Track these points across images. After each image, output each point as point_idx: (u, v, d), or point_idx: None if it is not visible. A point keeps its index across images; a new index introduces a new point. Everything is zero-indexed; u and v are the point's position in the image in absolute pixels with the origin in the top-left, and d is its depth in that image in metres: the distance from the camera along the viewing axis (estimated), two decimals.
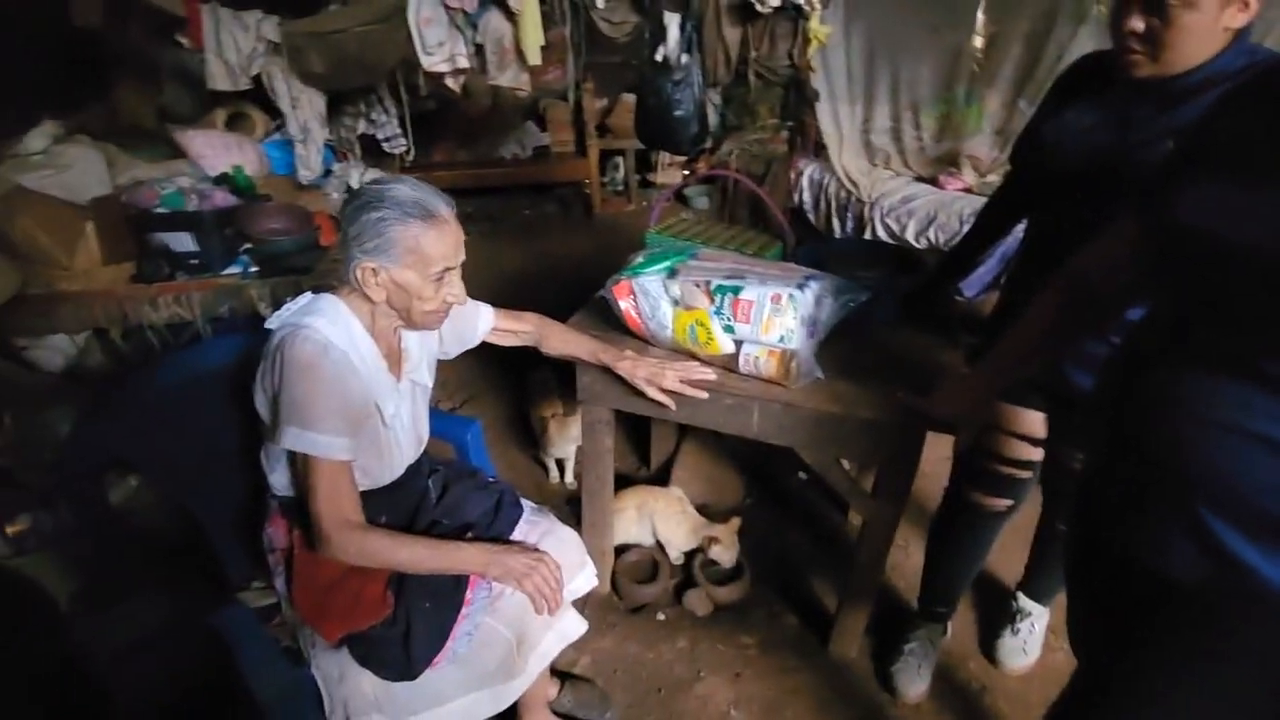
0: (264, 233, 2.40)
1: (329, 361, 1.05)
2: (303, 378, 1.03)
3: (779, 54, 2.82)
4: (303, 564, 1.18)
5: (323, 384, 1.04)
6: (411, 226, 1.04)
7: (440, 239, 1.07)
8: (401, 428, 1.22)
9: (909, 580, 1.90)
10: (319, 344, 1.04)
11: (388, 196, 1.05)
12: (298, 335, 1.04)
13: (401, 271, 1.07)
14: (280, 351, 1.04)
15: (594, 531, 1.79)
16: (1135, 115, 1.10)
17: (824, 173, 3.60)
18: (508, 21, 2.73)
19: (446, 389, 2.84)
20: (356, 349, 1.10)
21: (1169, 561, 0.75)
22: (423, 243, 1.06)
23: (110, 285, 2.28)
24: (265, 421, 1.11)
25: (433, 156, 4.88)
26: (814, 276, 1.36)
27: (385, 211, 1.04)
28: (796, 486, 2.32)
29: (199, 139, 2.82)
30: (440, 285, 1.11)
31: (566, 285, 3.39)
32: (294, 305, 1.13)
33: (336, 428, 1.05)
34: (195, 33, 2.66)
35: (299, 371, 1.03)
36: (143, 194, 2.29)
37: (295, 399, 1.03)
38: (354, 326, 1.11)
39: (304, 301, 1.13)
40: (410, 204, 1.05)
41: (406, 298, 1.10)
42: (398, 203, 1.04)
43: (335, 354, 1.06)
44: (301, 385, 1.03)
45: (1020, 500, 1.45)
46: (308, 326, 1.05)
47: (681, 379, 1.39)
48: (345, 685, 1.12)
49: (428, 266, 1.07)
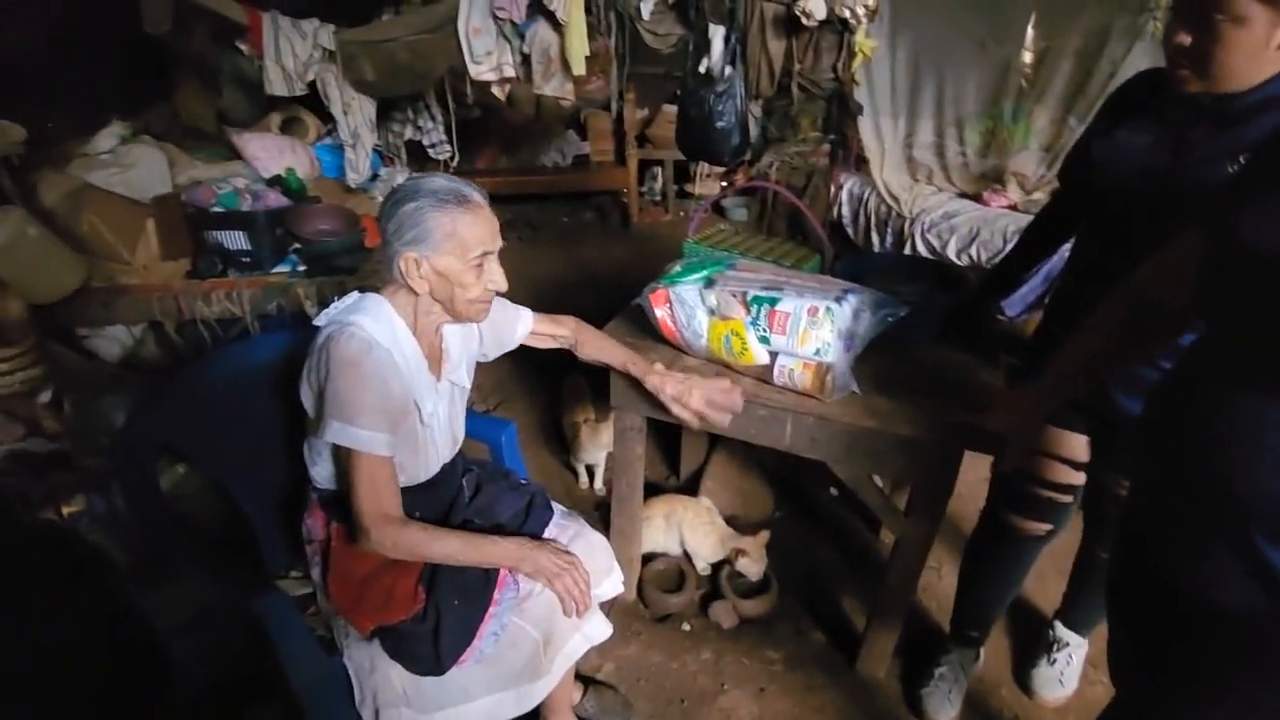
0: (313, 233, 2.48)
1: (372, 359, 1.08)
2: (347, 374, 1.06)
3: (823, 67, 2.80)
4: (339, 556, 1.21)
5: (366, 380, 1.07)
6: (448, 211, 1.08)
7: (476, 223, 1.11)
8: (438, 426, 1.25)
9: (941, 602, 1.86)
10: (364, 341, 1.08)
11: (422, 188, 1.09)
12: (344, 332, 1.08)
13: (441, 258, 1.10)
14: (326, 348, 1.08)
15: (622, 539, 1.79)
16: (1191, 135, 1.07)
17: (864, 187, 3.56)
18: (554, 32, 2.78)
19: (481, 392, 2.88)
20: (399, 347, 1.13)
21: (1219, 589, 0.73)
22: (459, 227, 1.09)
23: (167, 280, 2.38)
24: (310, 415, 1.15)
25: (475, 163, 4.97)
26: (852, 290, 1.35)
27: (421, 201, 1.07)
28: (827, 502, 2.29)
29: (255, 141, 2.93)
30: (480, 271, 1.13)
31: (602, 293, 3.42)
32: (341, 304, 1.17)
33: (378, 423, 1.08)
34: (256, 40, 2.77)
35: (344, 368, 1.06)
36: (201, 193, 2.39)
37: (339, 394, 1.06)
38: (397, 325, 1.14)
39: (351, 300, 1.17)
40: (444, 191, 1.09)
41: (449, 286, 1.12)
42: (431, 191, 1.08)
43: (379, 352, 1.09)
44: (345, 381, 1.06)
45: (1060, 525, 1.41)
46: (353, 324, 1.09)
47: (708, 400, 1.38)
48: (376, 676, 1.14)
49: (466, 251, 1.10)
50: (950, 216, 3.11)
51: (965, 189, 3.32)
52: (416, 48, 2.83)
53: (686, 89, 2.84)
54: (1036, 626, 1.75)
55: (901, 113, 3.42)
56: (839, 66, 2.80)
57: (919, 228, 3.18)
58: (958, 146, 3.37)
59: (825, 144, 3.03)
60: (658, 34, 2.86)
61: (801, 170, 3.04)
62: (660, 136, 4.90)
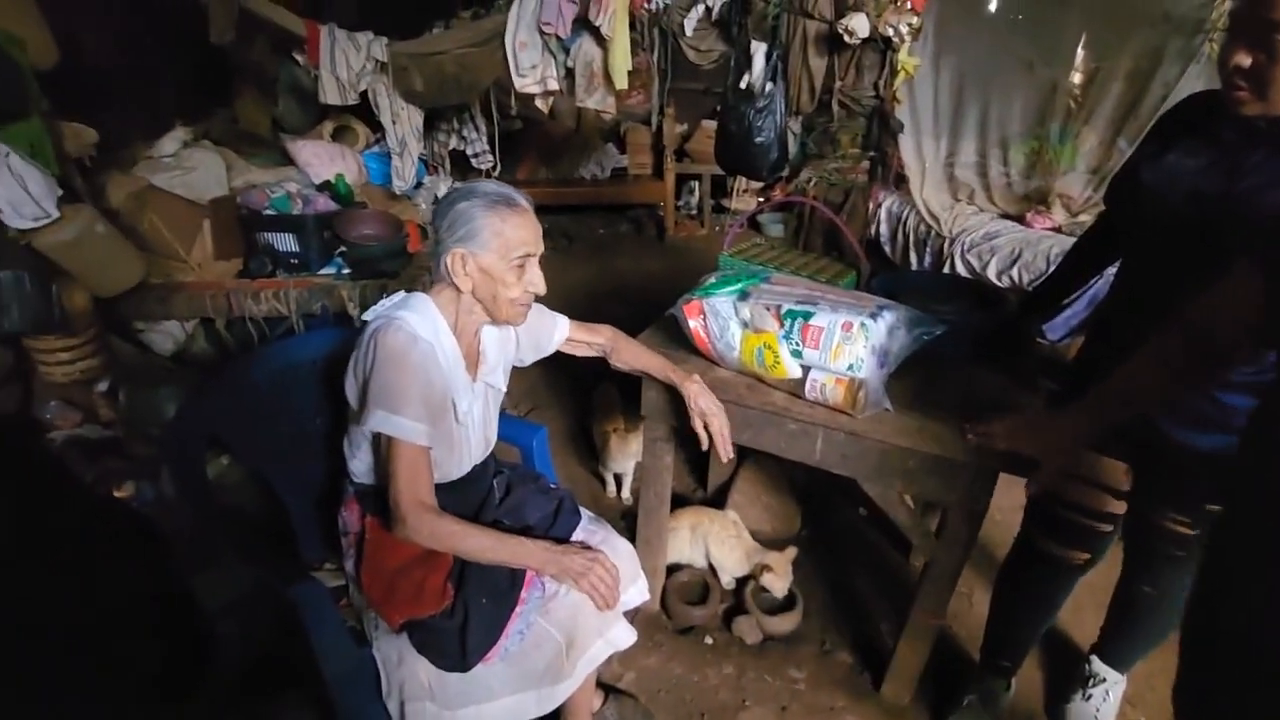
0: (358, 237, 2.56)
1: (417, 351, 1.13)
2: (392, 365, 1.11)
3: (865, 85, 2.79)
4: (372, 549, 1.24)
5: (409, 372, 1.12)
6: (497, 211, 1.15)
7: (521, 225, 1.17)
8: (473, 425, 1.28)
9: (972, 629, 1.82)
10: (409, 335, 1.13)
11: (475, 190, 1.17)
12: (390, 325, 1.13)
13: (487, 255, 1.15)
14: (374, 340, 1.13)
15: (648, 548, 1.80)
16: (1247, 159, 1.05)
17: (903, 205, 3.53)
18: (598, 47, 2.83)
19: (512, 398, 2.92)
20: (440, 344, 1.18)
21: None
22: (505, 227, 1.15)
23: (220, 279, 2.48)
24: (353, 406, 1.20)
25: (516, 173, 5.07)
26: (887, 307, 1.34)
27: (474, 200, 1.15)
28: (856, 521, 2.26)
29: (307, 148, 3.04)
30: (521, 273, 1.19)
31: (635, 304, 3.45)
32: (388, 301, 1.23)
33: (419, 414, 1.12)
34: (313, 51, 2.88)
35: (389, 359, 1.11)
36: (255, 196, 2.49)
37: (384, 384, 1.11)
38: (440, 323, 1.19)
39: (397, 298, 1.23)
40: (495, 194, 1.17)
41: (491, 284, 1.18)
42: (484, 193, 1.16)
43: (423, 345, 1.14)
44: (390, 372, 1.11)
45: (1098, 555, 1.37)
46: (399, 319, 1.14)
47: (726, 434, 1.42)
48: (403, 669, 1.16)
49: (510, 250, 1.16)
50: (991, 237, 3.06)
51: (1008, 210, 3.27)
52: (464, 60, 2.91)
53: (727, 104, 2.86)
54: (1072, 659, 1.70)
55: (944, 132, 3.39)
56: (881, 84, 2.78)
57: (959, 247, 3.14)
58: (1001, 167, 3.33)
59: (865, 161, 3.02)
60: (700, 50, 2.89)
61: (840, 187, 3.03)
62: (698, 151, 4.93)
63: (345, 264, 2.55)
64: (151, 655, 0.70)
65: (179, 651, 0.75)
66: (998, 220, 3.21)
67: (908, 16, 2.50)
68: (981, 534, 1.78)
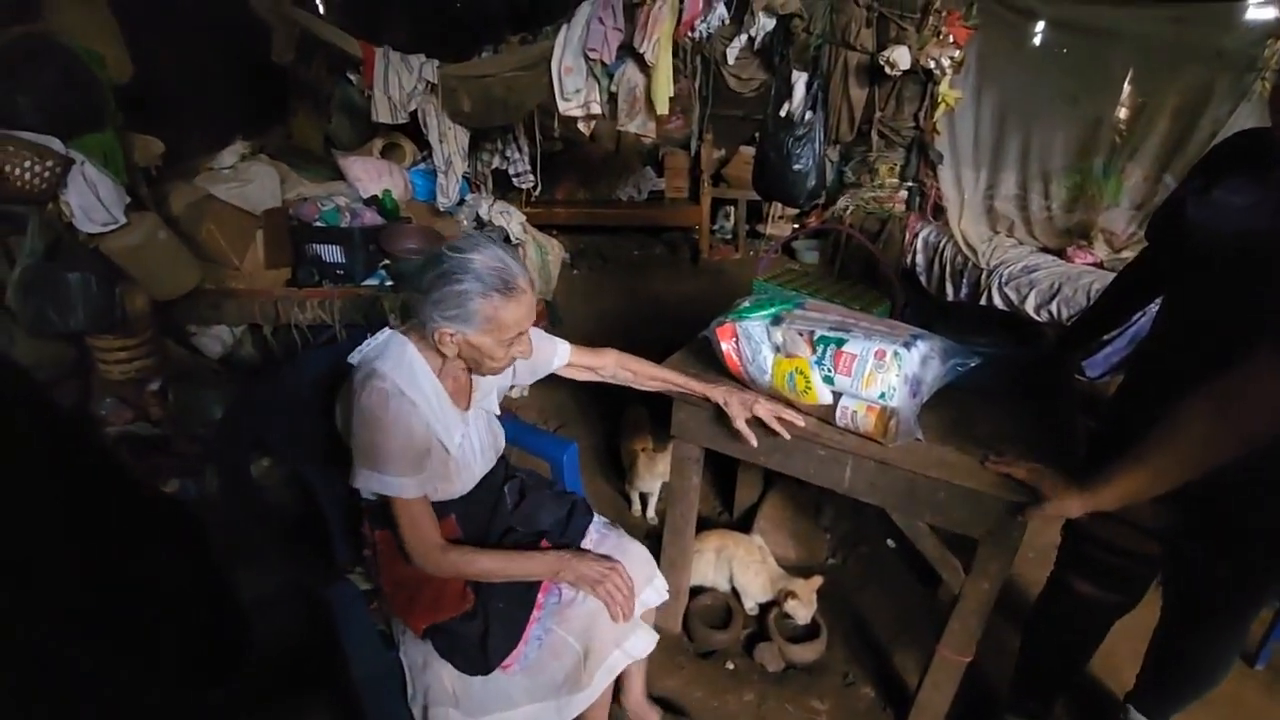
0: (401, 251, 2.64)
1: (391, 410, 1.12)
2: (372, 425, 1.13)
3: (904, 116, 2.81)
4: (388, 561, 1.28)
5: (387, 430, 1.12)
6: (492, 299, 1.11)
7: (517, 309, 1.14)
8: (471, 450, 1.30)
9: (1000, 671, 1.77)
10: (383, 394, 1.12)
11: (471, 269, 1.10)
12: (368, 385, 1.13)
13: (479, 336, 1.14)
14: (356, 399, 1.14)
15: (672, 568, 1.80)
16: None
17: (941, 235, 3.51)
18: (642, 74, 2.90)
19: (542, 415, 2.96)
20: (420, 390, 1.17)
21: None
22: (501, 314, 1.13)
23: (269, 287, 2.58)
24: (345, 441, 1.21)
25: (554, 193, 5.17)
26: (921, 336, 1.34)
27: (469, 285, 1.10)
28: (884, 552, 2.23)
29: (357, 164, 3.16)
30: (511, 346, 1.18)
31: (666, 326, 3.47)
32: (372, 342, 1.22)
33: (403, 469, 1.14)
34: (368, 71, 3.00)
35: (368, 420, 1.12)
36: (307, 208, 2.59)
37: (365, 444, 1.13)
38: (418, 369, 1.18)
39: (380, 340, 1.21)
40: (491, 277, 1.11)
41: (479, 356, 1.17)
42: (479, 276, 1.10)
43: (396, 401, 1.13)
44: (371, 432, 1.13)
45: (1135, 597, 1.33)
46: (377, 375, 1.13)
47: (772, 412, 1.40)
48: (428, 674, 1.19)
49: (503, 333, 1.15)
50: (1031, 270, 3.02)
51: (1048, 243, 3.23)
52: (512, 83, 3.00)
53: (766, 131, 2.90)
54: (1107, 708, 1.65)
55: (984, 163, 3.37)
56: (921, 116, 2.80)
57: (997, 280, 3.11)
58: (1042, 200, 3.29)
59: (902, 191, 3.02)
60: (741, 78, 2.94)
61: (876, 215, 3.03)
62: (735, 176, 4.98)
63: (388, 276, 2.62)
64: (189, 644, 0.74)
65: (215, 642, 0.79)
66: (1037, 254, 3.17)
67: (949, 50, 2.51)
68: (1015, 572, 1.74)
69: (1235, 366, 0.90)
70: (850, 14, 2.61)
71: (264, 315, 2.54)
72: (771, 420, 1.40)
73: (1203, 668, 1.39)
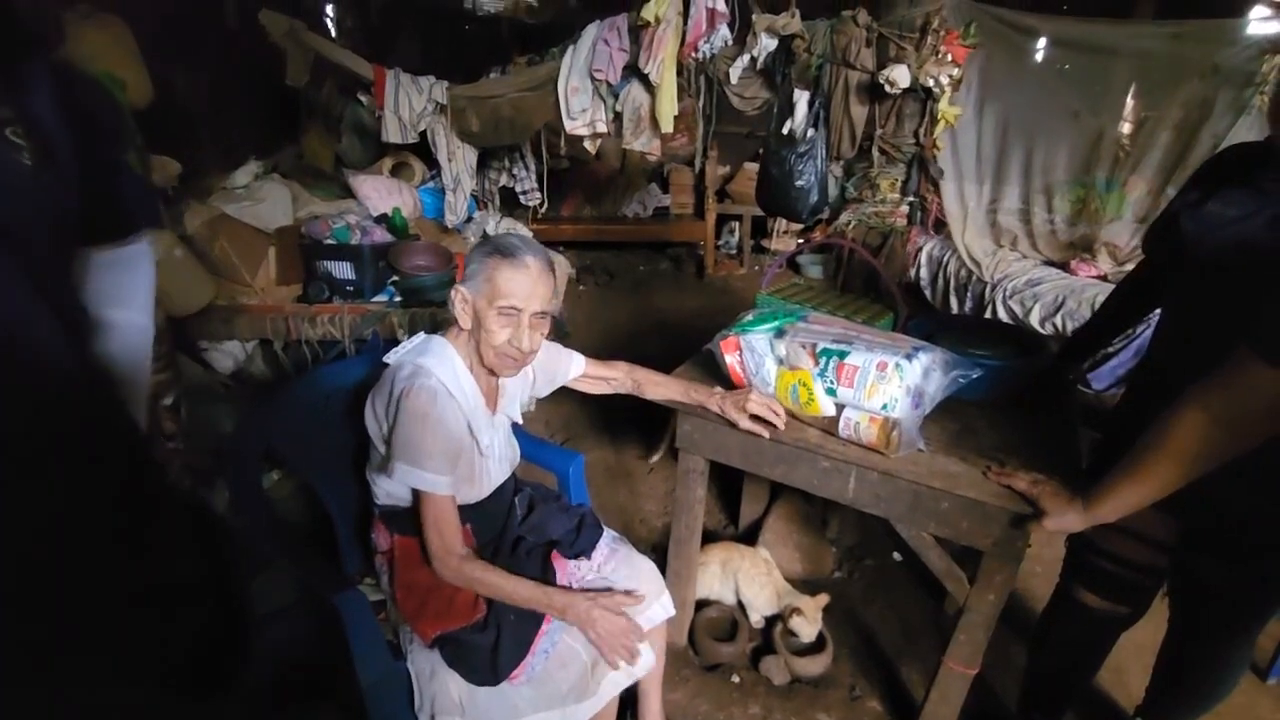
0: (410, 268, 2.68)
1: (438, 407, 1.19)
2: (416, 424, 1.17)
3: (905, 132, 2.84)
4: (402, 567, 1.30)
5: (431, 428, 1.17)
6: (494, 258, 1.20)
7: (512, 278, 1.19)
8: (494, 455, 1.35)
9: (1008, 684, 1.76)
10: (431, 391, 1.18)
11: (495, 239, 1.24)
12: (415, 384, 1.18)
13: (477, 298, 1.21)
14: (400, 397, 1.18)
15: (677, 580, 1.80)
16: None
17: (944, 249, 3.53)
18: (646, 93, 2.95)
19: (549, 427, 2.98)
20: (460, 386, 1.24)
21: None
22: (496, 275, 1.19)
23: (280, 303, 2.62)
24: (374, 441, 1.27)
25: (561, 210, 5.23)
26: (923, 348, 1.35)
27: (485, 247, 1.23)
28: (891, 566, 2.23)
29: (368, 182, 3.21)
30: (506, 323, 1.21)
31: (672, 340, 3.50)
32: (409, 344, 1.29)
33: (440, 466, 1.19)
34: (379, 93, 3.07)
35: (413, 418, 1.17)
36: (318, 226, 2.64)
37: (407, 440, 1.17)
38: (458, 365, 1.25)
39: (417, 342, 1.29)
40: (503, 245, 1.22)
41: (478, 328, 1.23)
42: (495, 243, 1.22)
43: (443, 399, 1.20)
44: (414, 428, 1.17)
45: (1140, 609, 1.33)
46: (423, 372, 1.19)
47: (764, 404, 1.43)
48: (435, 683, 1.20)
49: (495, 297, 1.20)
50: (1034, 284, 3.04)
51: (1052, 257, 3.24)
52: (519, 104, 3.06)
53: (769, 149, 2.94)
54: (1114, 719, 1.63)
55: (987, 178, 3.40)
56: (921, 132, 2.83)
57: (1001, 293, 3.12)
58: (1045, 214, 3.31)
59: (904, 206, 3.05)
60: (744, 97, 2.99)
61: (878, 230, 3.06)
62: (740, 192, 5.03)
63: (397, 292, 2.66)
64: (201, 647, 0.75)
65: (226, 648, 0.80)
66: (1041, 267, 3.19)
67: (948, 68, 2.55)
68: (1022, 586, 1.74)
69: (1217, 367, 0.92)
70: (850, 34, 2.65)
71: (275, 331, 2.58)
72: (765, 411, 1.43)
73: (1209, 679, 1.39)
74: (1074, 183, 3.24)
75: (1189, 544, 1.25)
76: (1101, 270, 3.02)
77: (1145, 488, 1.02)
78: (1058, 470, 1.27)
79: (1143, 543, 1.27)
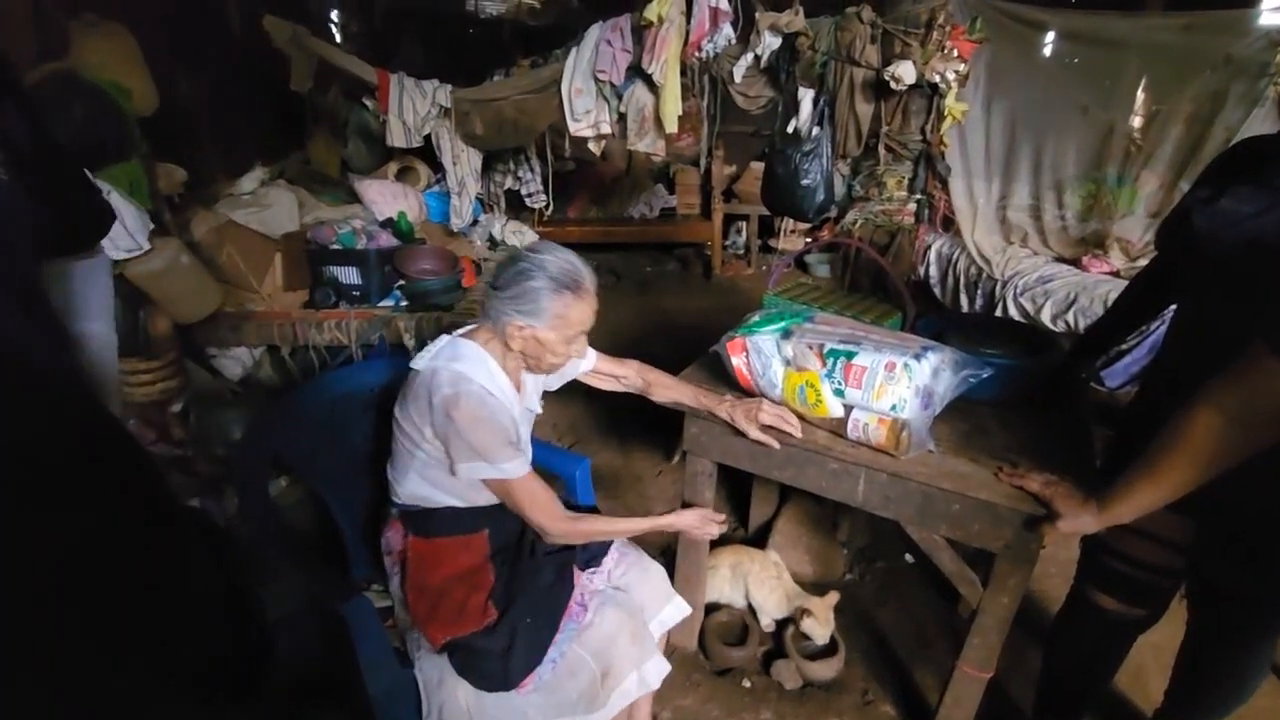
0: (416, 272, 2.68)
1: (489, 407, 1.21)
2: (474, 428, 1.18)
3: (911, 129, 2.81)
4: (415, 568, 1.29)
5: (489, 427, 1.19)
6: (563, 296, 1.20)
7: (584, 308, 1.24)
8: (525, 450, 1.34)
9: (1023, 688, 1.74)
10: (478, 395, 1.20)
11: (547, 267, 1.20)
12: (459, 390, 1.18)
13: (546, 332, 1.22)
14: (447, 408, 1.18)
15: (687, 585, 1.79)
16: None
17: (954, 247, 3.50)
18: (650, 93, 2.94)
19: (556, 430, 2.97)
20: (498, 385, 1.26)
21: None
22: (570, 312, 1.22)
23: (287, 309, 2.63)
24: (411, 439, 1.25)
25: (567, 212, 5.23)
26: (932, 348, 1.33)
27: (544, 282, 1.19)
28: (903, 568, 2.20)
29: (373, 187, 3.22)
30: (571, 344, 1.26)
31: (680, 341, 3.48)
32: (435, 348, 1.28)
33: (511, 453, 1.21)
34: (383, 97, 3.07)
35: (470, 423, 1.18)
36: (324, 232, 2.64)
37: (475, 444, 1.18)
38: (492, 366, 1.26)
39: (443, 345, 1.28)
40: (564, 276, 1.20)
41: (541, 351, 1.25)
42: (552, 275, 1.20)
43: (490, 399, 1.22)
44: (474, 434, 1.18)
45: (1158, 611, 1.31)
46: (463, 379, 1.20)
47: (778, 415, 1.41)
48: (443, 691, 1.19)
49: (569, 330, 1.23)
50: (1045, 280, 3.00)
51: (1063, 253, 3.21)
52: (523, 106, 3.06)
53: (774, 148, 2.92)
54: None
55: (996, 175, 3.36)
56: (927, 129, 2.80)
57: (1011, 290, 3.09)
58: (1056, 210, 3.27)
59: (911, 204, 3.02)
60: (748, 96, 2.96)
61: (885, 228, 3.03)
62: (746, 192, 5.01)
63: (403, 297, 2.67)
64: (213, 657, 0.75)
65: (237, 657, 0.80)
66: (1052, 264, 3.15)
67: (954, 64, 2.52)
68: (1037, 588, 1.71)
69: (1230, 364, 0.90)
70: (855, 31, 2.62)
71: (283, 337, 2.59)
72: (780, 423, 1.41)
73: (1229, 683, 1.36)
74: (1084, 178, 3.20)
75: (1204, 545, 1.23)
76: (1114, 266, 2.98)
77: (1160, 488, 1.00)
78: (1071, 471, 1.25)
79: (1158, 544, 1.25)
